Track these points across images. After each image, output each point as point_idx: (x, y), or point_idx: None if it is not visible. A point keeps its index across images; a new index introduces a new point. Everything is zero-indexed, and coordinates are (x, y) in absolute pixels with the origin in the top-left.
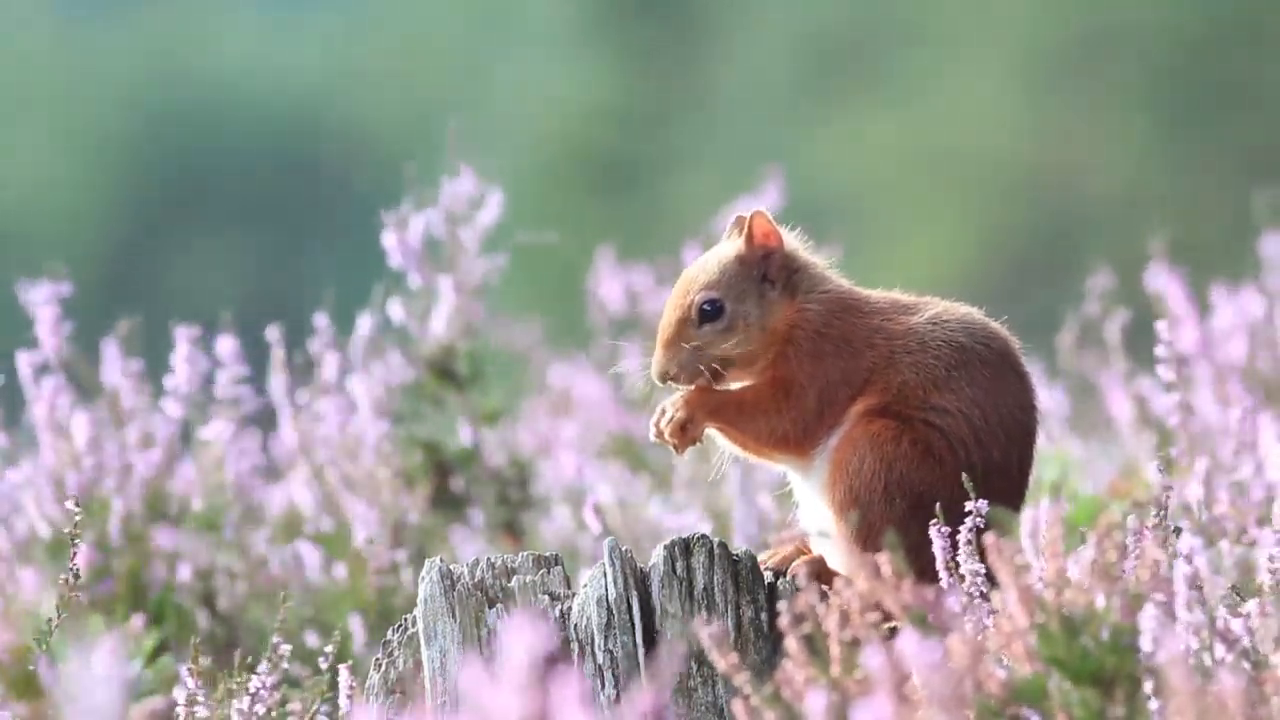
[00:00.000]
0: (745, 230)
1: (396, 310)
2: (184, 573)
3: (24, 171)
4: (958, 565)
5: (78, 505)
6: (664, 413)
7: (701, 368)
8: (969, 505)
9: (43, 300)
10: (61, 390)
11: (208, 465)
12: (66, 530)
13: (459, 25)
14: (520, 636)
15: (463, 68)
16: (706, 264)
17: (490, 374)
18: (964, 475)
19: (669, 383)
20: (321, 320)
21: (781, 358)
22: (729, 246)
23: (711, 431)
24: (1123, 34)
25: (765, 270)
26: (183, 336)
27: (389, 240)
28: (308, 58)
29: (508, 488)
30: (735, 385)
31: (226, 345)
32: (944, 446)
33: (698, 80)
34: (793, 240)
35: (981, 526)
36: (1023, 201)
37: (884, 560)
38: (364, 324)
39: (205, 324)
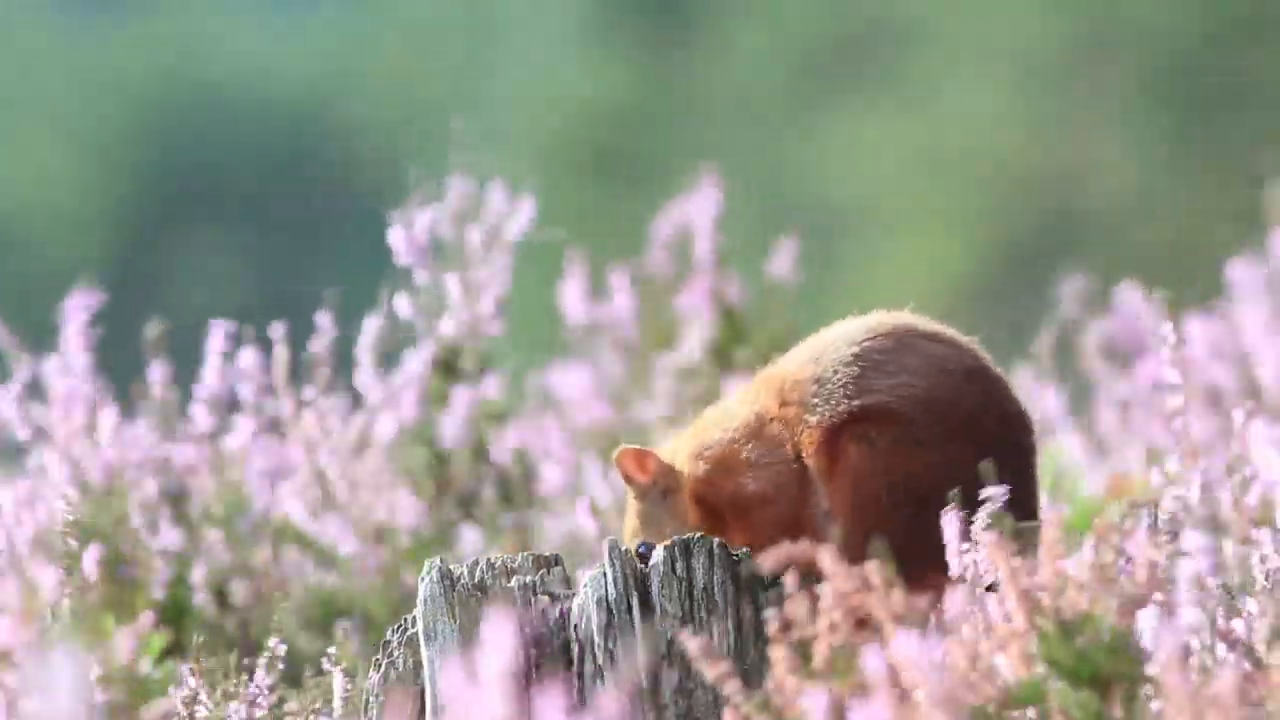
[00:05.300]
0: (621, 474)
1: (404, 306)
2: (199, 572)
3: (25, 171)
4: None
5: (70, 504)
6: None
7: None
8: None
9: (73, 309)
10: (85, 390)
11: (225, 465)
12: (62, 530)
13: (459, 24)
14: (503, 636)
15: (464, 66)
16: (630, 511)
17: (497, 373)
18: (951, 466)
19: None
20: (325, 320)
21: (710, 526)
22: (634, 490)
23: None
24: (1125, 34)
25: (665, 487)
26: (217, 335)
27: (396, 238)
28: (310, 57)
29: (512, 487)
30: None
31: (253, 355)
32: (898, 440)
33: (698, 79)
34: (663, 448)
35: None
36: (1023, 202)
37: (872, 570)
38: (371, 324)
39: (206, 323)
